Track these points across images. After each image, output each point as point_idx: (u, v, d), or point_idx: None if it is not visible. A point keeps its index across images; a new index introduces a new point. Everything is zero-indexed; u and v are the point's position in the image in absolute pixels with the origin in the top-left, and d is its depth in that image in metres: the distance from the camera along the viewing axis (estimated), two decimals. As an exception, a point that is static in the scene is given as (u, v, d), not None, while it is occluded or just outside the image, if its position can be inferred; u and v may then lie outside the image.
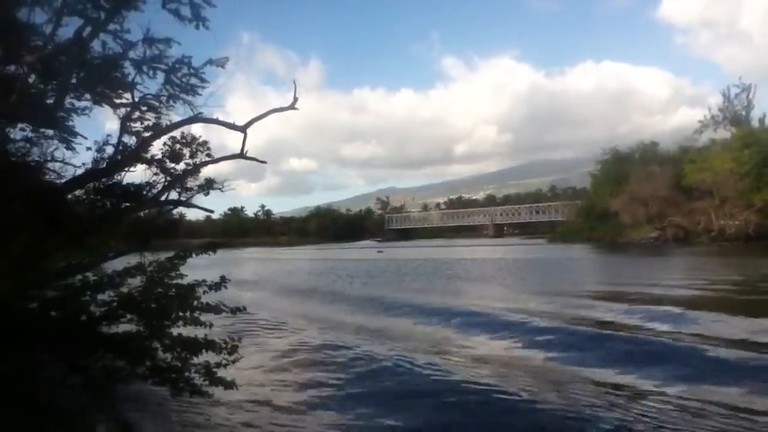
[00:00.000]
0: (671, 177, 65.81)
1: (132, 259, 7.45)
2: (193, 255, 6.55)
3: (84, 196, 10.49)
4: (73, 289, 5.91)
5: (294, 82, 12.40)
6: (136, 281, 6.20)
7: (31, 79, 9.72)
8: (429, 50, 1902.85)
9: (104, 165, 10.45)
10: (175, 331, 6.03)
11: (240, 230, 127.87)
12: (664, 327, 13.02)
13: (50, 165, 10.53)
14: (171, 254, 6.49)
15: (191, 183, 12.04)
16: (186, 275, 6.35)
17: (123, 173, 10.98)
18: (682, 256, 42.17)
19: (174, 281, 6.16)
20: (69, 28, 9.21)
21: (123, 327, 6.01)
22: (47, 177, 10.40)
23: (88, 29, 9.00)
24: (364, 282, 29.13)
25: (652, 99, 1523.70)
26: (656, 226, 65.11)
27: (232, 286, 6.84)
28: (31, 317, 5.45)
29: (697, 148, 70.87)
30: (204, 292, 6.19)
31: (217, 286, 6.30)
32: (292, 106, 12.35)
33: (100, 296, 5.96)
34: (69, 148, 10.64)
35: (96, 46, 9.92)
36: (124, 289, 6.04)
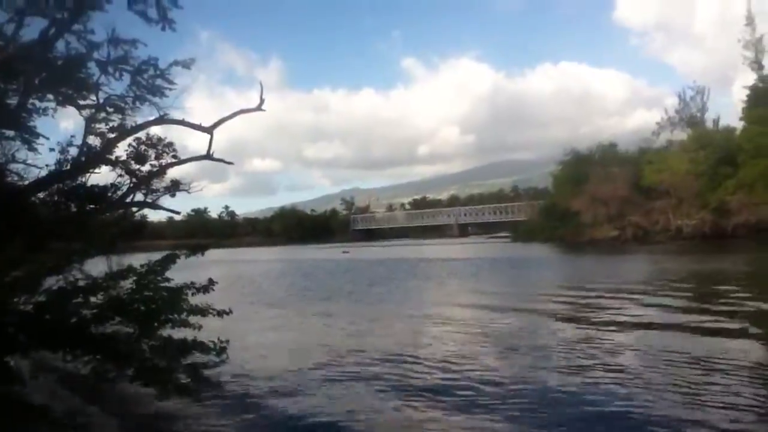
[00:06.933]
0: (630, 177, 67.08)
1: (99, 262, 7.35)
2: (183, 257, 6.55)
3: (47, 199, 10.35)
4: (65, 292, 5.86)
5: (261, 84, 12.47)
6: (125, 283, 6.17)
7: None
8: (390, 50, 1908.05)
9: (68, 167, 10.32)
10: (164, 332, 6.03)
11: (204, 232, 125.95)
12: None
13: (12, 166, 10.35)
14: (163, 254, 6.45)
15: (157, 184, 11.97)
16: (172, 279, 6.30)
17: (87, 175, 10.87)
18: (638, 255, 43.29)
19: (162, 284, 6.15)
20: (32, 28, 9.10)
21: (113, 328, 5.97)
22: (9, 179, 10.22)
23: (52, 30, 8.89)
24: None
25: (610, 100, 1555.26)
26: (616, 226, 66.31)
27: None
28: (22, 320, 5.39)
29: (655, 149, 72.46)
30: (192, 294, 6.19)
31: (205, 289, 6.30)
32: (259, 107, 12.38)
33: (91, 298, 5.94)
34: (31, 149, 10.48)
35: (60, 46, 9.81)
36: (114, 292, 6.02)
